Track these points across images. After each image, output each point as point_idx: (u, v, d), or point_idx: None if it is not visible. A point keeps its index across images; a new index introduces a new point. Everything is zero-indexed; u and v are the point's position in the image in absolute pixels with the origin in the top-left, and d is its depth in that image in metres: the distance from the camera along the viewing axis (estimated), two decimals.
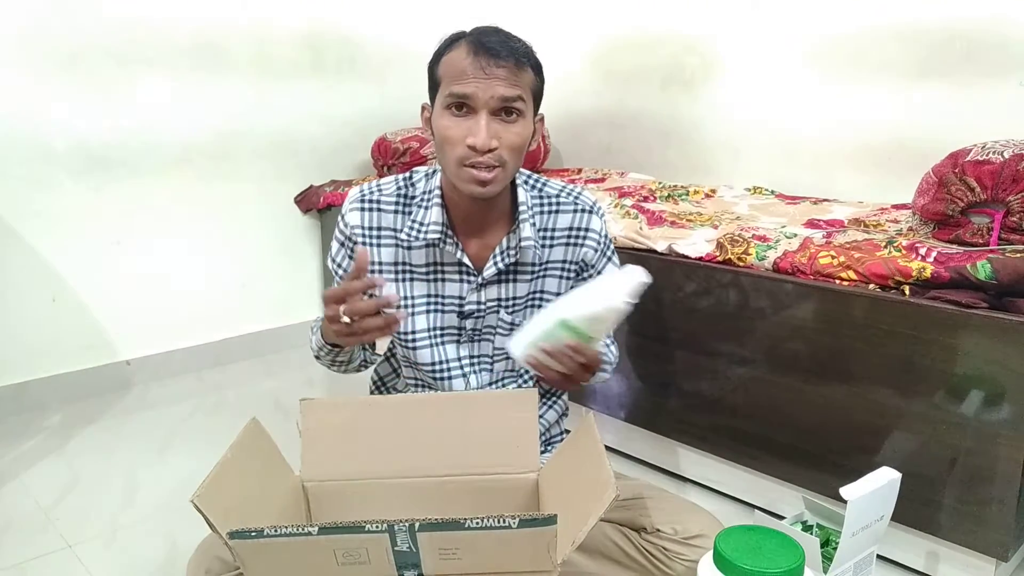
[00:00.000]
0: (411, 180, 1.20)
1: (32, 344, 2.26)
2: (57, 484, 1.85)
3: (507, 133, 1.06)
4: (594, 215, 1.23)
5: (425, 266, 1.19)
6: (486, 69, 1.04)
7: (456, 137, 1.06)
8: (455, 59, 1.06)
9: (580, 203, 1.22)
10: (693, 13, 2.56)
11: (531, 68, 1.08)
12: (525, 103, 1.07)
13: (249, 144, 2.60)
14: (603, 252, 1.25)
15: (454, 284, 1.19)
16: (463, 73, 1.04)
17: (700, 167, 2.63)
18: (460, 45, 1.07)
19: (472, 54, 1.04)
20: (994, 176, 1.44)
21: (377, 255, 1.19)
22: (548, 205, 1.21)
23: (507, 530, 0.75)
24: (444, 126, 1.07)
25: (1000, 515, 1.32)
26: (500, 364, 1.26)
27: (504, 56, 1.04)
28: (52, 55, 2.16)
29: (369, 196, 1.19)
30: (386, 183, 1.20)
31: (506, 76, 1.04)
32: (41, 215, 2.21)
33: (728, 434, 1.68)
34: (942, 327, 1.34)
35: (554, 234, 1.21)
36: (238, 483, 0.91)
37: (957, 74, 2.02)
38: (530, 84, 1.09)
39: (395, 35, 2.87)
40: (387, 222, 1.18)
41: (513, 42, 1.07)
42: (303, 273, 2.84)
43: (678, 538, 1.06)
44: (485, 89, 1.04)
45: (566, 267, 1.23)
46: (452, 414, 1.07)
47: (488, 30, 1.08)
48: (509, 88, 1.05)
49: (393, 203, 1.18)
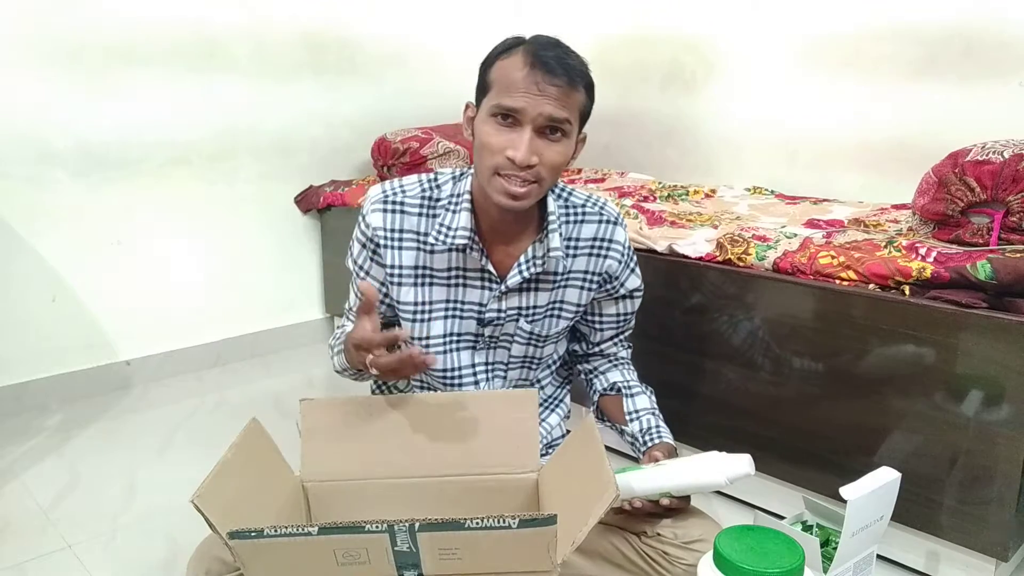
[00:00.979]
0: (436, 182, 1.18)
1: (32, 344, 2.26)
2: (57, 484, 1.85)
3: (548, 151, 1.05)
4: (619, 227, 1.23)
5: (447, 271, 1.18)
6: (539, 85, 1.02)
7: (497, 146, 1.05)
8: (509, 68, 1.04)
9: (605, 214, 1.22)
10: (693, 13, 2.56)
11: (584, 88, 1.07)
12: (571, 124, 1.07)
13: (249, 144, 2.60)
14: (626, 264, 1.24)
15: (475, 291, 1.18)
16: (515, 85, 1.03)
17: (700, 167, 2.63)
18: (516, 53, 1.05)
19: (528, 66, 1.03)
20: (994, 176, 1.44)
21: (398, 258, 1.17)
22: (573, 215, 1.20)
23: (507, 530, 0.75)
24: (486, 132, 1.06)
25: (1000, 515, 1.32)
26: (514, 372, 1.26)
27: (559, 74, 1.02)
28: (52, 55, 2.15)
29: (392, 197, 1.16)
30: (409, 183, 1.18)
31: (558, 96, 1.03)
32: (41, 215, 2.21)
33: (728, 434, 1.68)
34: (942, 327, 1.34)
35: (578, 244, 1.20)
36: (238, 483, 0.91)
37: (957, 74, 2.02)
38: (579, 105, 1.07)
39: (395, 35, 2.87)
40: (410, 224, 1.16)
41: (570, 59, 1.05)
42: (303, 273, 2.84)
43: (678, 542, 1.06)
44: (535, 106, 1.02)
45: (588, 277, 1.22)
46: (452, 414, 1.07)
47: (547, 43, 1.06)
48: (558, 109, 1.03)
49: (417, 205, 1.16)
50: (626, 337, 1.34)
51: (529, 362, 1.26)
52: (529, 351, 1.24)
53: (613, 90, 2.84)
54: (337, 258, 2.68)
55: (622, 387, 1.28)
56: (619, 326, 1.31)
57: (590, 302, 1.26)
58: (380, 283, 1.20)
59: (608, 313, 1.29)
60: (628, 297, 1.28)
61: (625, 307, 1.29)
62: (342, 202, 2.62)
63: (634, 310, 1.31)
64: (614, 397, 1.29)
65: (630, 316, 1.31)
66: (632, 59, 2.76)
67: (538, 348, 1.24)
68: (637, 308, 1.31)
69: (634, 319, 1.33)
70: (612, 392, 1.30)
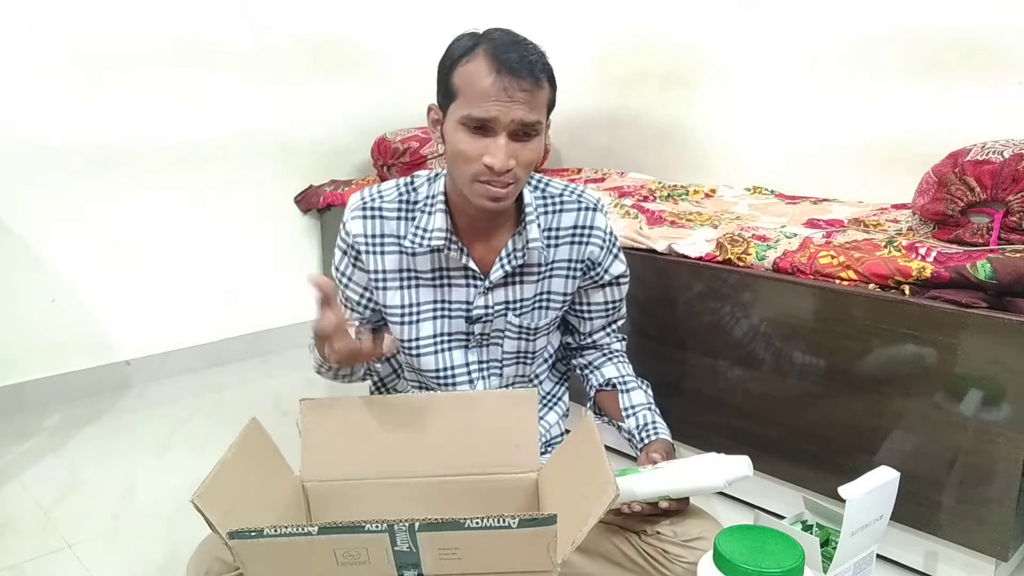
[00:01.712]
0: (413, 185, 1.19)
1: (32, 344, 2.26)
2: (57, 484, 1.85)
3: (524, 152, 1.06)
4: (598, 212, 1.23)
5: (431, 272, 1.18)
6: (508, 91, 1.02)
7: (473, 154, 1.05)
8: (474, 75, 1.04)
9: (584, 201, 1.22)
10: (693, 14, 2.56)
11: (548, 82, 1.07)
12: (542, 123, 1.07)
13: (249, 144, 2.60)
14: (609, 249, 1.25)
15: (461, 289, 1.19)
16: (484, 94, 1.02)
17: (700, 167, 2.63)
18: (478, 57, 1.04)
19: (494, 72, 1.02)
20: (994, 176, 1.44)
21: (381, 263, 1.18)
22: (552, 204, 1.21)
23: (507, 530, 0.75)
24: (460, 140, 1.06)
25: (1000, 515, 1.32)
26: (510, 368, 1.26)
27: (525, 76, 1.02)
28: (52, 55, 2.16)
29: (370, 203, 1.17)
30: (387, 188, 1.19)
31: (526, 99, 1.03)
32: (41, 215, 2.21)
33: (728, 434, 1.68)
34: (942, 327, 1.34)
35: (559, 233, 1.21)
36: (238, 483, 0.91)
37: (957, 74, 2.02)
38: (547, 100, 1.08)
39: (395, 35, 2.87)
40: (390, 229, 1.17)
41: (531, 55, 1.05)
42: (303, 273, 2.81)
43: (678, 540, 1.06)
44: (506, 113, 1.03)
45: (572, 266, 1.23)
46: (452, 414, 1.07)
47: (505, 42, 1.05)
48: (529, 112, 1.04)
49: (395, 209, 1.17)
50: (618, 328, 1.34)
51: (523, 357, 1.26)
52: (521, 345, 1.25)
53: (614, 91, 2.84)
54: None
55: (617, 382, 1.28)
56: (608, 314, 1.31)
57: (576, 291, 1.26)
58: (363, 288, 1.22)
59: (595, 301, 1.29)
60: (614, 284, 1.28)
61: (611, 294, 1.29)
62: (342, 202, 2.62)
63: (621, 297, 1.31)
64: (610, 393, 1.29)
65: (618, 304, 1.31)
66: (633, 60, 2.76)
67: (530, 342, 1.25)
68: (624, 295, 1.31)
69: (624, 308, 1.33)
70: (608, 388, 1.30)
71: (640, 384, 1.29)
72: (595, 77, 2.86)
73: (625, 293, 1.31)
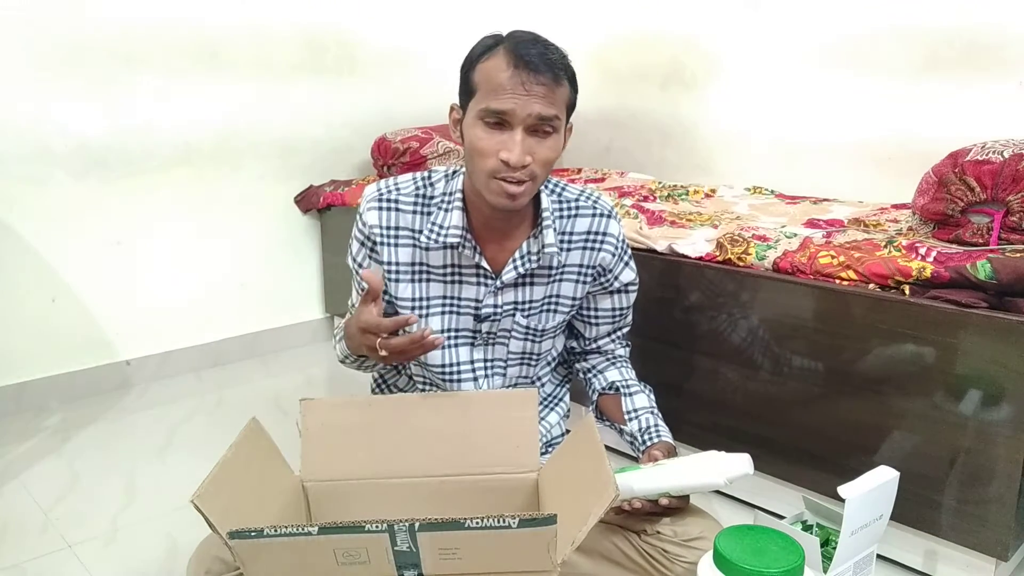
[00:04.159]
0: (430, 180, 1.19)
1: (32, 344, 2.26)
2: (57, 484, 1.85)
3: (541, 148, 1.06)
4: (612, 219, 1.23)
5: (443, 267, 1.19)
6: (525, 85, 1.03)
7: (489, 149, 1.05)
8: (493, 70, 1.05)
9: (599, 207, 1.23)
10: (693, 13, 2.56)
11: (567, 81, 1.08)
12: (560, 119, 1.08)
13: (249, 144, 2.60)
14: (620, 257, 1.25)
15: (471, 287, 1.19)
16: (501, 88, 1.03)
17: (700, 167, 2.63)
18: (498, 54, 1.06)
19: (512, 67, 1.03)
20: (994, 176, 1.44)
21: (395, 255, 1.18)
22: (567, 209, 1.21)
23: (507, 530, 0.75)
24: (477, 136, 1.06)
25: (1000, 515, 1.32)
26: (514, 369, 1.26)
27: (543, 71, 1.03)
28: (52, 55, 2.15)
29: (387, 195, 1.18)
30: (404, 181, 1.20)
31: (544, 94, 1.04)
32: (41, 215, 2.21)
33: (728, 434, 1.68)
34: (942, 327, 1.34)
35: (572, 238, 1.21)
36: (238, 483, 0.91)
37: (957, 74, 2.02)
38: (565, 98, 1.08)
39: (395, 35, 2.87)
40: (405, 222, 1.18)
41: (551, 53, 1.06)
42: (303, 273, 2.84)
43: (678, 540, 1.06)
44: (523, 107, 1.03)
45: (583, 271, 1.23)
46: (452, 414, 1.07)
47: (527, 40, 1.06)
48: (546, 107, 1.04)
49: (412, 203, 1.18)
50: (623, 335, 1.34)
51: (528, 358, 1.26)
52: (527, 346, 1.25)
53: (613, 90, 2.84)
54: (337, 258, 2.68)
55: (620, 386, 1.28)
56: (614, 321, 1.31)
57: (585, 296, 1.26)
58: None
59: (603, 308, 1.29)
60: (623, 291, 1.28)
61: (619, 301, 1.29)
62: (342, 202, 2.62)
63: (629, 305, 1.31)
64: (613, 396, 1.29)
65: (625, 311, 1.31)
66: (632, 59, 2.76)
67: (536, 343, 1.25)
68: (632, 303, 1.31)
69: (630, 315, 1.33)
70: (610, 391, 1.30)
71: (643, 388, 1.29)
72: (595, 76, 2.86)
73: (633, 301, 1.31)
